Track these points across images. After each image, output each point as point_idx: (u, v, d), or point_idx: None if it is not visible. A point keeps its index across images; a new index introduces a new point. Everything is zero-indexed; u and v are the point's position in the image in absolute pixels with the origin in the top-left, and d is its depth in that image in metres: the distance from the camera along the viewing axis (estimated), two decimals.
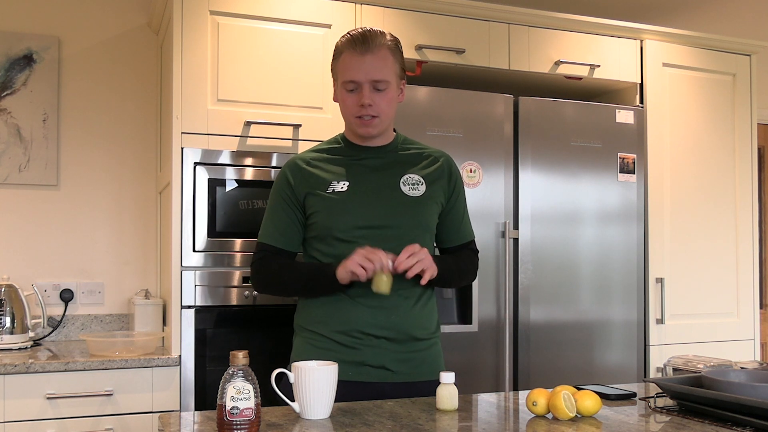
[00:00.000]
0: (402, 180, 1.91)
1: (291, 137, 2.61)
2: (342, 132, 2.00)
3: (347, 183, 1.88)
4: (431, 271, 1.80)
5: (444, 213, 1.97)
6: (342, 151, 1.95)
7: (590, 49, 3.09)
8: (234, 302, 2.52)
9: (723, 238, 3.31)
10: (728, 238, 3.33)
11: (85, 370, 2.34)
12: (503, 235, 2.81)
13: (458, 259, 2.00)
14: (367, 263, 1.74)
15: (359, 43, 1.84)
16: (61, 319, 2.91)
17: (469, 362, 2.74)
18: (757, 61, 3.44)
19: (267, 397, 1.53)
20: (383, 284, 1.76)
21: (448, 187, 1.97)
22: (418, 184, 1.92)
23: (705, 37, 3.30)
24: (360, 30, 1.88)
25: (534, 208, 2.87)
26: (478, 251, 2.09)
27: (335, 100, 1.95)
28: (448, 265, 1.93)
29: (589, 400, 1.52)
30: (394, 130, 2.00)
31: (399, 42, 1.92)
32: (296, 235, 1.93)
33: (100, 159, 3.03)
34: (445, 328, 2.66)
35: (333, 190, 1.87)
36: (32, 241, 2.93)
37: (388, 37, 1.88)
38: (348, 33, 1.89)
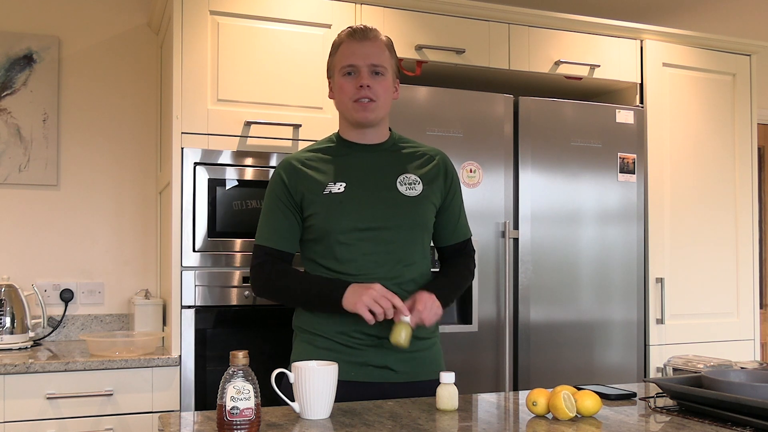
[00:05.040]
0: (399, 180, 1.90)
1: (291, 137, 2.61)
2: (336, 131, 2.00)
3: (344, 184, 1.87)
4: (438, 317, 1.82)
5: (440, 211, 1.96)
6: (336, 150, 1.94)
7: (590, 49, 3.09)
8: (234, 302, 2.52)
9: (723, 237, 3.31)
10: (728, 237, 3.32)
11: (85, 370, 2.34)
12: (503, 235, 2.81)
13: (454, 275, 1.98)
14: (376, 307, 1.71)
15: (358, 32, 1.91)
16: (61, 319, 2.91)
17: (469, 362, 2.74)
18: (757, 61, 3.44)
19: (267, 397, 1.53)
20: (403, 338, 1.70)
21: (444, 185, 1.96)
22: (415, 184, 1.91)
23: (705, 37, 3.30)
24: (358, 25, 1.96)
25: (534, 208, 2.88)
26: (474, 251, 2.08)
27: (330, 96, 1.98)
28: (448, 290, 1.92)
29: (589, 400, 1.52)
30: (390, 129, 2.00)
31: (392, 44, 1.97)
32: (294, 236, 1.91)
33: (100, 159, 3.03)
34: (445, 328, 2.66)
35: (330, 191, 1.86)
36: (32, 241, 2.93)
37: (384, 35, 1.95)
38: (346, 28, 1.96)
